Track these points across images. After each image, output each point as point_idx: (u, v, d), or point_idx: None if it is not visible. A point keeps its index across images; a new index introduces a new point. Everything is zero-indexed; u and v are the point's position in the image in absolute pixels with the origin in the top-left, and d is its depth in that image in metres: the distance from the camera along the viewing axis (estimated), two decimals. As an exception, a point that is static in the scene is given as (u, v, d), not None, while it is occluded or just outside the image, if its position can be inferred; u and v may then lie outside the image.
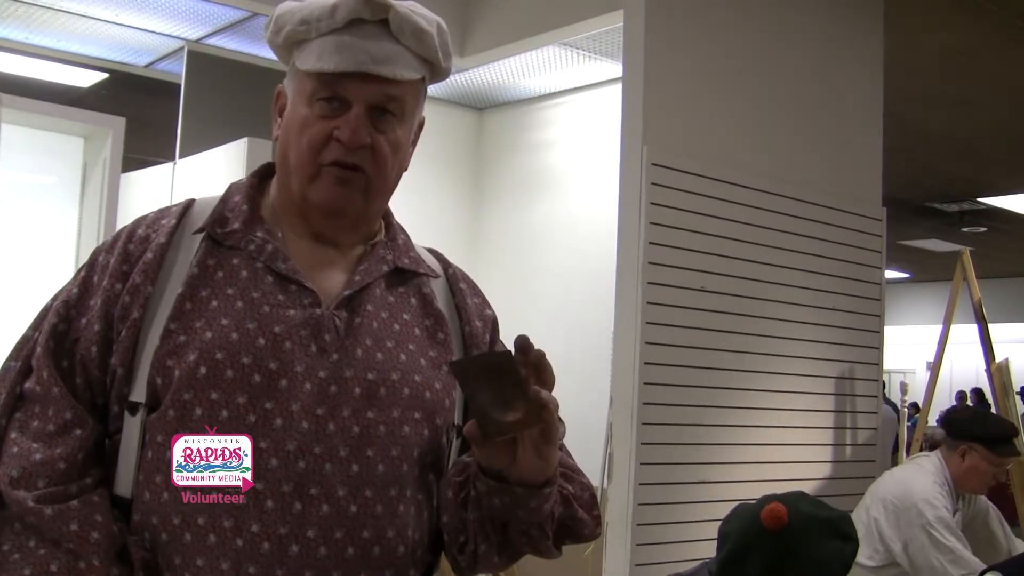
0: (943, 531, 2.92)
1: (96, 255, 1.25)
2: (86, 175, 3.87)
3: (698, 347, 3.19)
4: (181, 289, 1.18)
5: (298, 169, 1.23)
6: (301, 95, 1.23)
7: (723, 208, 3.29)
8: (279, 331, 1.16)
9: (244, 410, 1.12)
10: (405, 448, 1.19)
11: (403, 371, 1.22)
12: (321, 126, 1.21)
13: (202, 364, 1.12)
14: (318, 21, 1.20)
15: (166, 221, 1.25)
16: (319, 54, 1.20)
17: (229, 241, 1.22)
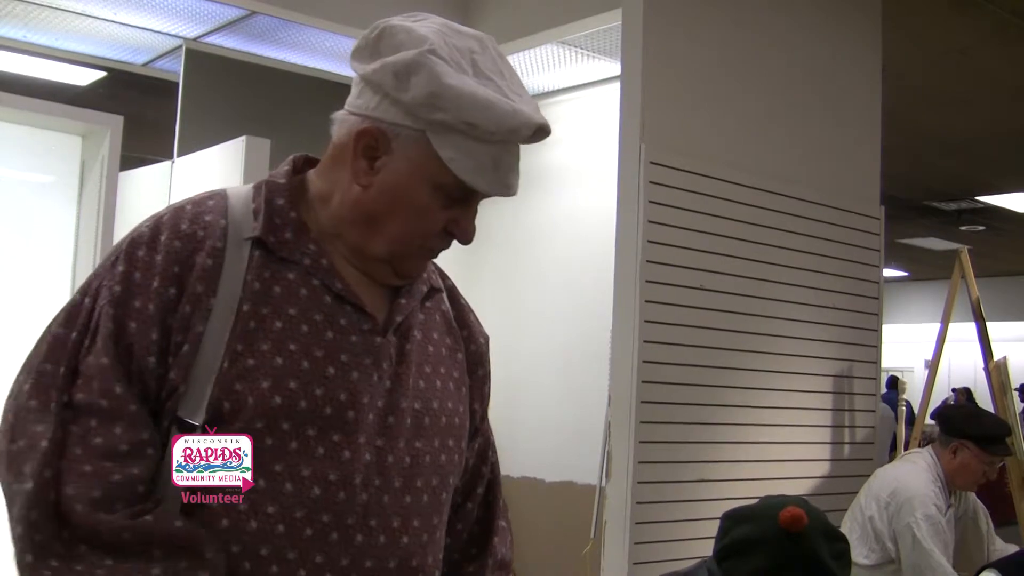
0: (927, 531, 2.94)
1: (134, 248, 1.13)
2: (84, 174, 3.87)
3: (697, 346, 3.19)
4: (246, 306, 1.11)
5: (396, 243, 1.17)
6: (428, 178, 1.14)
7: (722, 207, 3.28)
8: (346, 360, 1.14)
9: (314, 442, 1.10)
10: (443, 477, 1.22)
11: (440, 398, 1.22)
12: (440, 217, 1.16)
13: (276, 393, 1.09)
14: (490, 134, 1.11)
15: (212, 218, 1.16)
16: (477, 169, 1.13)
17: (282, 252, 1.16)
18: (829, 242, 3.63)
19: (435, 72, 1.10)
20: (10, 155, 3.75)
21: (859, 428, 3.76)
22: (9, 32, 4.38)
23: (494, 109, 1.10)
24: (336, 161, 1.19)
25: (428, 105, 1.10)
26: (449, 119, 1.10)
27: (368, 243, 1.18)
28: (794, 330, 3.51)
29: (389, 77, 1.12)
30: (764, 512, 1.76)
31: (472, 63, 1.14)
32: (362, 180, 1.16)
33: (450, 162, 1.12)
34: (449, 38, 1.14)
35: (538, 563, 4.28)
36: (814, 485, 3.54)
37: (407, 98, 1.11)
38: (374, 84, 1.14)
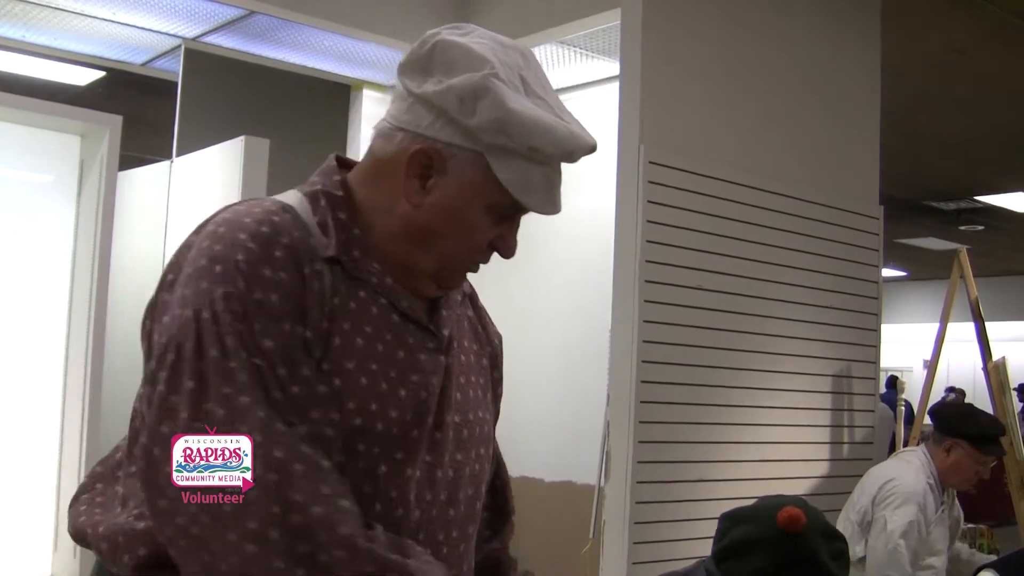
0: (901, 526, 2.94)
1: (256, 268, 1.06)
2: (83, 173, 3.87)
3: (695, 346, 3.19)
4: (326, 324, 1.09)
5: (445, 258, 1.17)
6: (482, 197, 1.14)
7: (721, 207, 3.28)
8: (416, 380, 1.15)
9: (378, 459, 1.10)
10: (477, 487, 1.24)
11: (474, 409, 1.24)
12: (487, 234, 1.18)
13: (358, 415, 1.09)
14: (548, 157, 1.13)
15: (301, 235, 1.11)
16: (533, 189, 1.14)
17: (354, 271, 1.14)
18: (828, 242, 3.63)
19: (500, 98, 1.10)
20: (9, 154, 3.75)
21: (858, 428, 3.76)
22: (8, 32, 4.38)
23: (555, 133, 1.12)
24: (380, 175, 1.17)
25: (495, 131, 1.11)
26: (512, 143, 1.11)
27: (417, 259, 1.17)
28: (793, 330, 3.51)
29: (454, 101, 1.11)
30: (763, 512, 1.77)
31: (522, 81, 1.15)
32: (414, 200, 1.14)
33: (508, 183, 1.13)
34: (500, 55, 1.14)
35: (537, 563, 4.28)
36: (813, 485, 3.54)
37: (473, 123, 1.11)
38: (432, 104, 1.13)
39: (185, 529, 1.01)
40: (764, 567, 1.71)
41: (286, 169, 4.30)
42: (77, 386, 3.72)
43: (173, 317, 1.07)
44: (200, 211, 4.35)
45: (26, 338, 3.75)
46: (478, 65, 1.12)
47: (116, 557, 1.08)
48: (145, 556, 1.07)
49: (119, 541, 1.08)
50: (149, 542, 1.07)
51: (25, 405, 3.75)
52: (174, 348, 1.05)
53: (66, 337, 3.79)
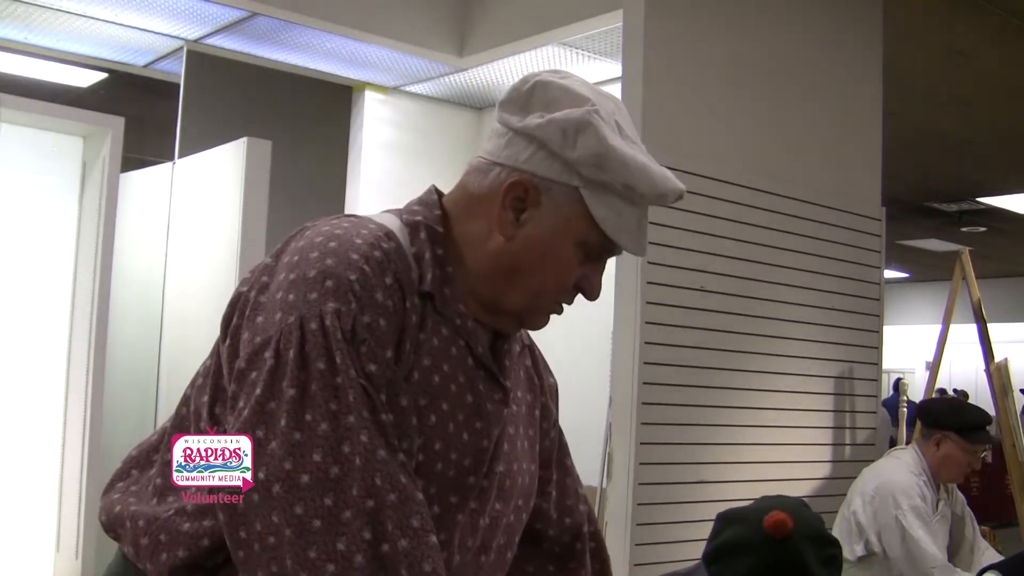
0: (914, 521, 2.95)
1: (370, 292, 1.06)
2: (85, 175, 3.88)
3: (697, 347, 3.19)
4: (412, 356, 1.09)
5: (531, 296, 1.17)
6: (575, 234, 1.14)
7: (722, 208, 3.28)
8: (479, 427, 1.14)
9: (431, 500, 1.09)
10: (512, 536, 1.24)
11: (520, 460, 1.23)
12: (576, 273, 1.17)
13: (423, 452, 1.08)
14: (641, 197, 1.14)
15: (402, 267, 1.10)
16: (626, 228, 1.15)
17: (442, 308, 1.14)
18: (830, 243, 3.63)
19: (602, 134, 1.11)
20: (12, 156, 3.75)
21: (860, 430, 3.76)
22: (10, 33, 4.38)
23: (650, 173, 1.14)
24: (473, 210, 1.17)
25: (594, 165, 1.11)
26: (609, 179, 1.12)
27: (504, 296, 1.17)
28: (795, 331, 3.50)
29: (556, 134, 1.12)
30: (753, 515, 1.77)
31: (617, 125, 1.16)
32: (507, 232, 1.15)
33: (602, 221, 1.13)
34: (597, 97, 1.16)
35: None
36: (815, 487, 3.54)
37: (574, 156, 1.11)
38: (532, 138, 1.14)
39: (262, 537, 0.98)
40: (751, 570, 1.71)
41: (288, 171, 4.31)
42: (79, 386, 3.73)
43: (271, 321, 1.05)
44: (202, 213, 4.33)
45: (28, 339, 3.75)
46: (580, 102, 1.13)
47: (154, 555, 1.07)
48: (183, 559, 1.06)
49: (160, 539, 1.07)
50: (191, 545, 1.06)
51: (27, 406, 3.76)
52: (272, 352, 1.02)
53: (68, 338, 3.79)
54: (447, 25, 4.30)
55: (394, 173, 4.77)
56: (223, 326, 1.13)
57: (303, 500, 0.97)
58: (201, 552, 1.05)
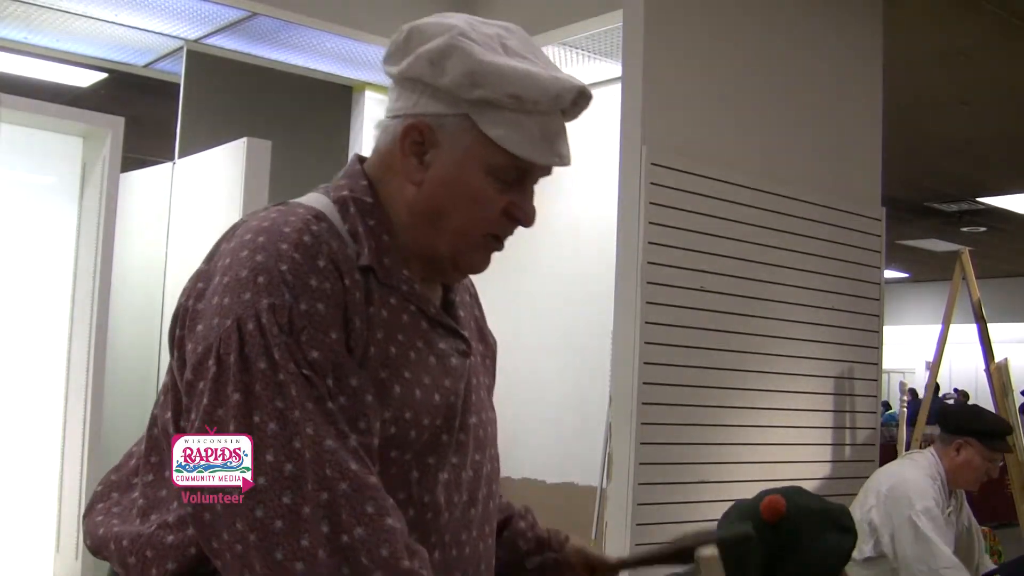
0: (927, 523, 2.94)
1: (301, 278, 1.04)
2: (85, 175, 3.87)
3: (697, 347, 3.19)
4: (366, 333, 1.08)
5: (458, 234, 1.15)
6: (479, 161, 1.12)
7: (722, 208, 3.28)
8: (448, 385, 1.15)
9: (410, 466, 1.10)
10: (491, 486, 1.24)
11: (485, 409, 1.24)
12: (498, 201, 1.14)
13: (393, 424, 1.09)
14: (534, 104, 1.10)
15: (338, 246, 1.09)
16: (527, 141, 1.12)
17: (385, 278, 1.13)
18: (830, 243, 3.63)
19: (469, 51, 1.09)
20: (12, 156, 3.75)
21: (860, 429, 3.76)
22: (10, 33, 4.38)
23: (534, 78, 1.10)
24: (385, 168, 1.17)
25: (468, 84, 1.09)
26: (491, 95, 1.09)
27: (433, 242, 1.15)
28: (795, 331, 3.50)
29: (424, 66, 1.11)
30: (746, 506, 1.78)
31: (503, 46, 1.13)
32: (415, 177, 1.14)
33: (500, 139, 1.11)
34: (476, 24, 1.14)
35: (539, 564, 4.27)
36: (815, 487, 3.54)
37: (446, 82, 1.10)
38: (410, 80, 1.13)
39: (231, 545, 0.99)
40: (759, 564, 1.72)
41: (288, 170, 4.31)
42: (79, 387, 3.73)
43: (210, 327, 1.04)
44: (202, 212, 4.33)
45: (28, 340, 3.75)
46: (444, 31, 1.12)
47: (144, 572, 1.07)
48: (173, 571, 1.05)
49: (147, 555, 1.07)
50: (178, 556, 1.06)
51: (27, 407, 3.76)
52: (214, 358, 1.02)
53: (68, 338, 3.79)
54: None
55: (394, 173, 4.76)
56: (170, 341, 1.13)
57: (262, 503, 0.98)
58: (190, 561, 1.05)
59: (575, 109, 1.15)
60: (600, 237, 3.99)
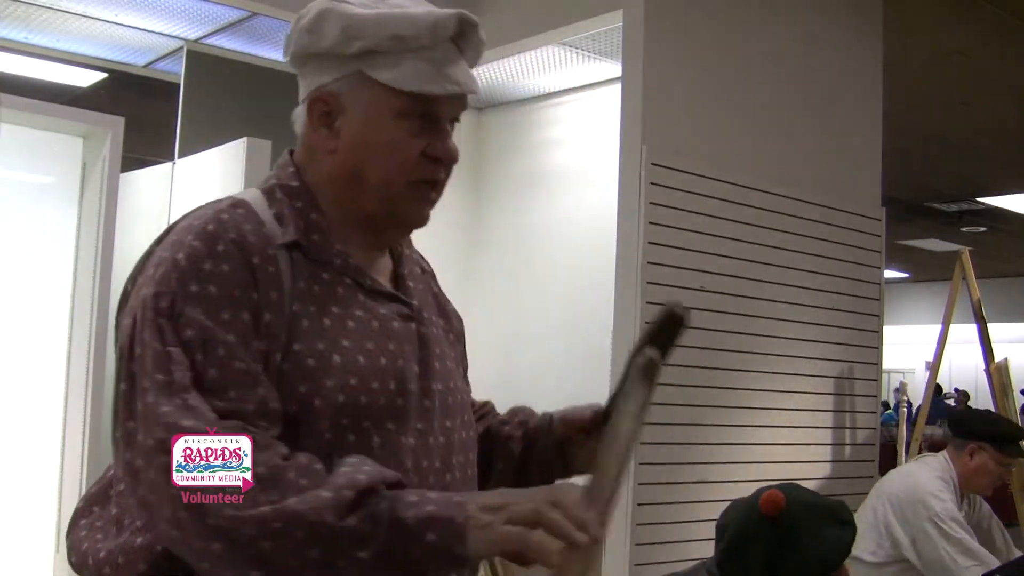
0: (951, 523, 2.94)
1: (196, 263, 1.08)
2: (85, 175, 3.87)
3: (697, 347, 3.19)
4: (296, 306, 1.12)
5: (382, 187, 1.18)
6: (383, 110, 1.16)
7: (722, 208, 3.28)
8: (393, 348, 1.16)
9: (370, 433, 1.11)
10: (468, 453, 1.25)
11: (451, 378, 1.25)
12: (413, 144, 1.17)
13: (340, 392, 1.10)
14: (415, 39, 1.14)
15: (252, 227, 1.13)
16: (418, 75, 1.15)
17: (313, 255, 1.16)
18: (830, 243, 3.63)
19: (340, 10, 1.15)
20: (11, 156, 3.75)
21: (860, 430, 3.76)
22: (10, 33, 4.38)
23: (409, 16, 1.15)
24: (309, 150, 1.22)
25: (346, 39, 1.14)
26: (371, 43, 1.14)
27: (361, 205, 1.19)
28: (795, 331, 3.50)
29: (305, 37, 1.17)
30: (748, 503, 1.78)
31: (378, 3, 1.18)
32: (329, 147, 1.19)
33: (392, 82, 1.14)
34: None
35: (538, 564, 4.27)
36: (815, 486, 3.53)
37: (327, 44, 1.16)
38: (301, 58, 1.20)
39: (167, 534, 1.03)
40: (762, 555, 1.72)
41: (288, 171, 4.31)
42: (79, 388, 3.72)
43: (122, 327, 1.11)
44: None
45: (27, 341, 3.75)
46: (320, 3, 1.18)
47: None
48: (146, 571, 1.07)
49: (119, 563, 1.09)
50: (147, 556, 1.07)
51: (26, 408, 3.75)
52: (118, 357, 1.09)
53: (68, 339, 3.79)
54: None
55: (394, 173, 4.77)
56: None
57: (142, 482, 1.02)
58: (157, 558, 1.06)
59: (466, 37, 1.20)
60: (600, 237, 3.99)
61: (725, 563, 1.78)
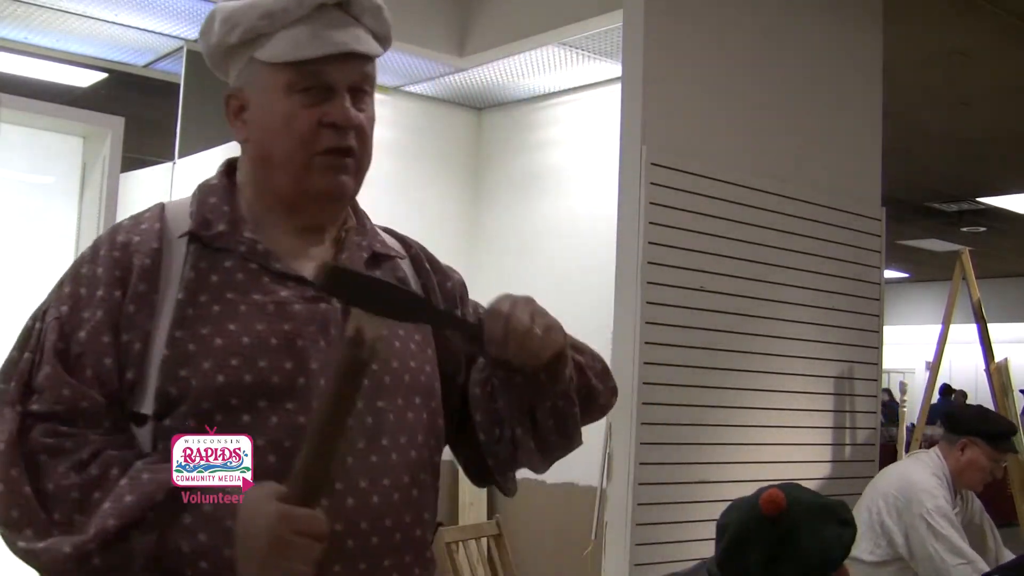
0: (941, 520, 2.94)
1: (78, 267, 1.22)
2: (85, 175, 3.87)
3: (697, 347, 3.19)
4: (181, 295, 1.16)
5: (288, 163, 1.22)
6: (274, 89, 1.21)
7: (722, 208, 3.28)
8: (289, 329, 1.17)
9: (267, 412, 1.12)
10: (412, 434, 1.22)
11: (400, 357, 1.24)
12: (308, 115, 1.20)
13: (219, 372, 1.12)
14: (284, 12, 1.20)
15: (147, 226, 1.23)
16: (294, 44, 1.19)
17: (218, 243, 1.21)
18: (830, 243, 3.63)
19: (222, 6, 1.24)
20: (11, 156, 3.75)
21: (860, 430, 3.76)
22: (10, 33, 4.38)
23: None
24: (239, 150, 1.31)
25: (226, 31, 1.22)
26: (247, 27, 1.21)
27: (274, 186, 1.24)
28: (795, 331, 3.50)
29: (203, 42, 1.27)
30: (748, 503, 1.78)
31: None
32: (242, 135, 1.26)
33: (276, 58, 1.19)
34: None
35: (538, 564, 4.28)
36: (816, 486, 3.53)
37: (215, 40, 1.24)
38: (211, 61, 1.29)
39: None
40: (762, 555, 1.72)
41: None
42: (79, 387, 3.73)
43: None
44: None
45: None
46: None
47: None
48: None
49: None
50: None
51: (27, 406, 3.76)
52: None
53: (68, 339, 3.79)
54: (447, 25, 4.30)
55: (394, 173, 4.77)
56: None
57: None
58: None
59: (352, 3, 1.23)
60: (600, 237, 3.99)
61: (725, 563, 1.78)
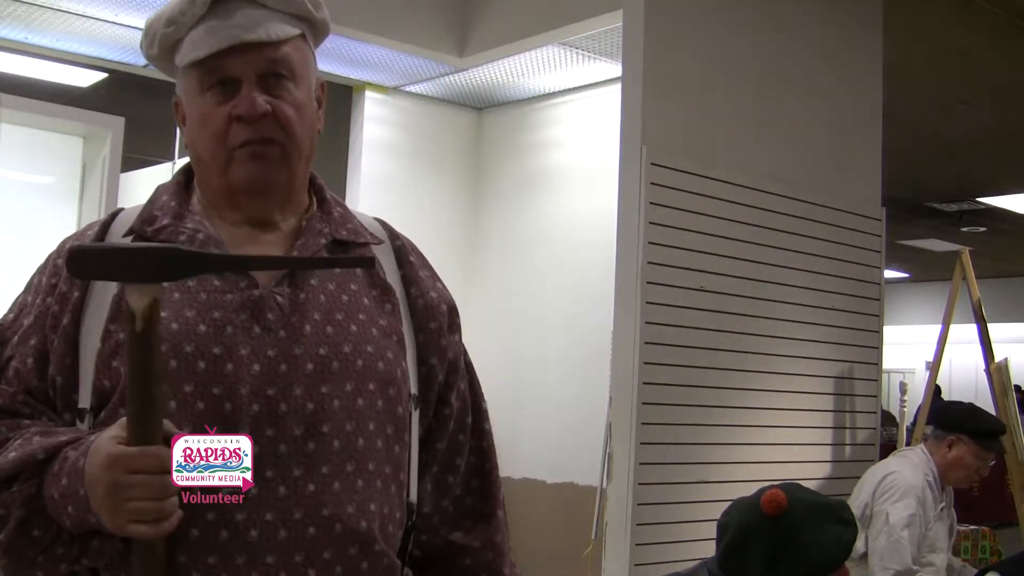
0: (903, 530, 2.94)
1: (33, 276, 1.28)
2: (85, 175, 3.88)
3: (697, 347, 3.19)
4: (117, 289, 1.18)
5: (211, 160, 1.24)
6: (192, 92, 1.25)
7: (722, 208, 3.29)
8: (218, 316, 1.17)
9: (192, 398, 1.12)
10: (361, 422, 1.19)
11: (355, 343, 1.22)
12: (219, 112, 1.22)
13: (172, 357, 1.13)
14: (182, 15, 1.23)
15: (93, 231, 1.27)
16: (193, 45, 1.22)
17: (160, 237, 1.23)
18: (830, 243, 3.63)
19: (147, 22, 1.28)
20: (11, 156, 3.75)
21: (860, 430, 3.76)
22: (10, 33, 4.38)
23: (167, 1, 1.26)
24: None
25: (148, 44, 1.28)
26: (159, 36, 1.25)
27: (208, 183, 1.28)
28: (795, 331, 3.51)
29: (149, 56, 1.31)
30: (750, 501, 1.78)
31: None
32: (186, 139, 1.30)
33: (185, 60, 1.24)
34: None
35: (538, 564, 4.28)
36: (816, 486, 3.53)
37: (145, 54, 1.30)
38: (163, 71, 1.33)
39: None
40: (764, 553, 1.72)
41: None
42: (79, 387, 3.73)
43: None
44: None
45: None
46: None
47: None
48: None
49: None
50: None
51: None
52: None
53: (68, 338, 3.79)
54: (447, 25, 4.30)
55: (394, 173, 4.77)
56: None
57: None
58: None
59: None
60: (600, 237, 3.99)
61: (726, 562, 1.78)
